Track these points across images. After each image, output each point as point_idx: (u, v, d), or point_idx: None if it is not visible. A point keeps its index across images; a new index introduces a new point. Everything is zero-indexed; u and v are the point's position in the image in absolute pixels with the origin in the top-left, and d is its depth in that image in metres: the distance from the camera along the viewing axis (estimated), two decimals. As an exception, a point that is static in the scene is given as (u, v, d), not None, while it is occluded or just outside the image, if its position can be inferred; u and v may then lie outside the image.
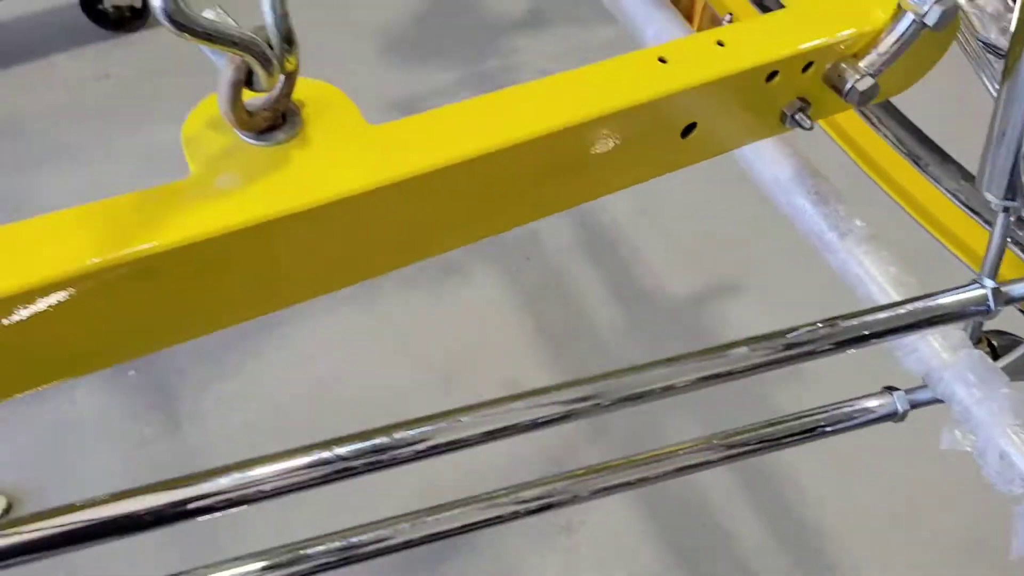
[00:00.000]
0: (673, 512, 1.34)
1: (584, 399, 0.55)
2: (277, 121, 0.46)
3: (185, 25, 0.37)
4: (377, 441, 0.50)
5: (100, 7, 1.94)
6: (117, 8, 1.95)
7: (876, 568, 1.31)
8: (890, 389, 0.67)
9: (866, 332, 0.56)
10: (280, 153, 0.46)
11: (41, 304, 0.40)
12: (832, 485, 1.37)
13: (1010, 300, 0.57)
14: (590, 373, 1.58)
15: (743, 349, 0.56)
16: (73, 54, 1.94)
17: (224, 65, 0.41)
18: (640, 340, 1.52)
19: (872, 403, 0.66)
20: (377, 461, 0.51)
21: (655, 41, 0.82)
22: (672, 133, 0.56)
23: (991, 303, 0.56)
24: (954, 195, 0.74)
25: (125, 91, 1.88)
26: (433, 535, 0.61)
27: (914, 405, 0.66)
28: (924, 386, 0.67)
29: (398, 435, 0.51)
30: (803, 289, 1.50)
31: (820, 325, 0.57)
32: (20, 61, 1.91)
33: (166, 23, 0.36)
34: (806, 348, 0.55)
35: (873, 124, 0.80)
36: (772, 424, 0.66)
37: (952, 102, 1.21)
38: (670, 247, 1.67)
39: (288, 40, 0.42)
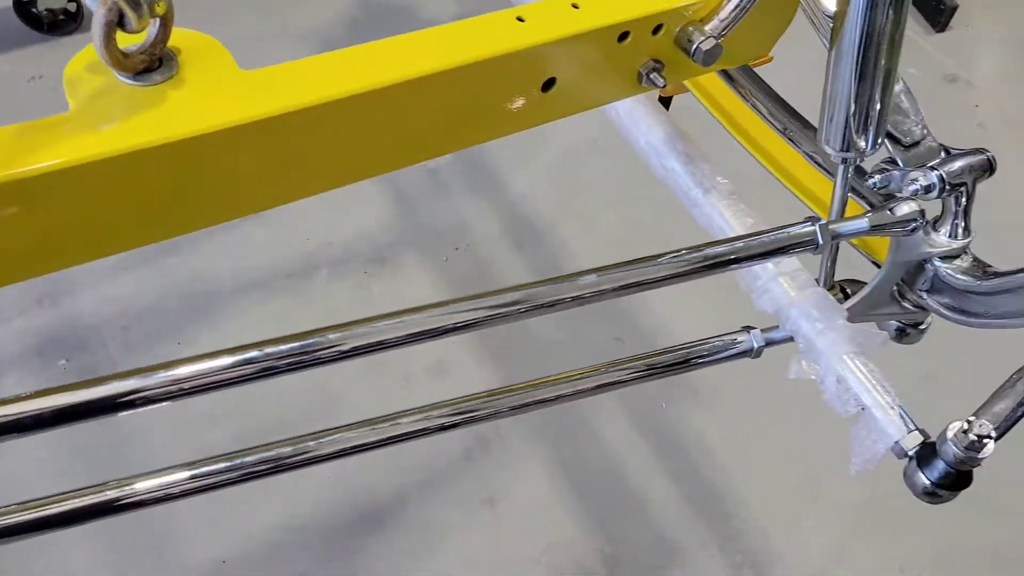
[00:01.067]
0: (590, 482, 1.40)
1: (498, 307, 0.59)
2: (154, 64, 0.51)
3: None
4: (301, 343, 0.54)
5: (34, 10, 1.96)
6: (51, 11, 1.97)
7: (782, 530, 1.37)
8: (747, 328, 0.73)
9: (719, 259, 0.62)
10: (155, 92, 0.50)
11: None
12: (741, 454, 1.44)
13: (837, 236, 0.64)
14: (515, 360, 1.64)
15: (616, 272, 0.61)
16: (7, 57, 1.96)
17: (97, 8, 0.46)
18: (565, 327, 1.58)
19: (732, 339, 0.72)
20: (299, 361, 0.55)
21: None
22: (533, 86, 0.62)
23: (819, 237, 0.62)
24: (811, 157, 0.81)
25: (58, 92, 1.89)
26: (353, 448, 0.65)
27: (769, 343, 0.73)
28: (777, 327, 0.73)
29: (321, 337, 0.55)
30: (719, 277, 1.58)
31: (684, 251, 0.63)
32: (-48, 63, 1.92)
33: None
34: (672, 271, 0.60)
35: (744, 96, 0.86)
36: (649, 356, 0.71)
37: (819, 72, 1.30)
38: (595, 238, 1.73)
39: (156, -15, 0.47)
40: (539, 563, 1.33)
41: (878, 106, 0.65)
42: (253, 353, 0.53)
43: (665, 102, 1.05)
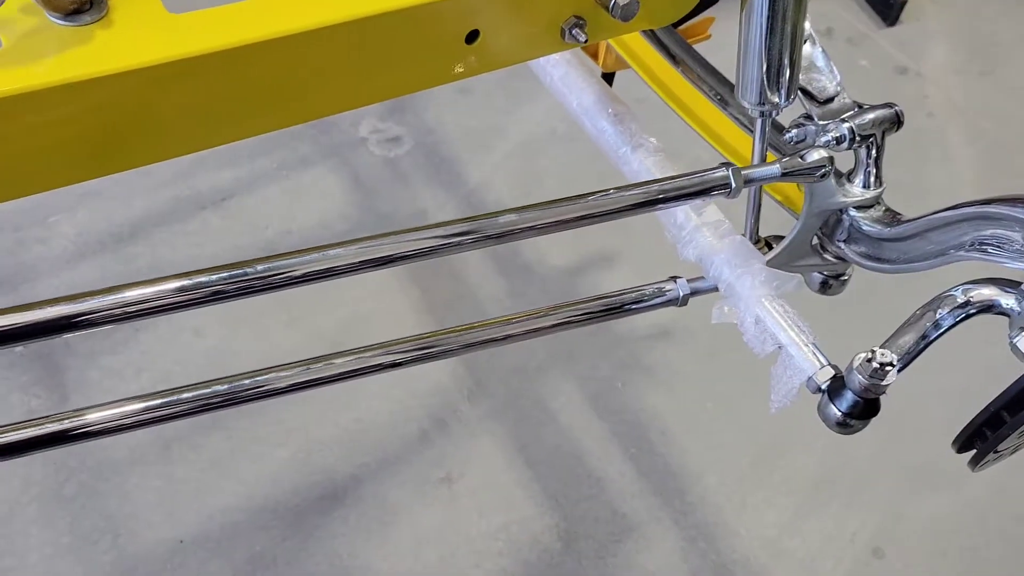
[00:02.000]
0: (547, 461, 1.42)
1: (448, 236, 0.61)
2: (84, 6, 0.53)
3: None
4: (249, 269, 0.55)
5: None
6: None
7: (736, 505, 1.40)
8: (674, 278, 0.76)
9: (641, 199, 0.64)
10: (84, 32, 0.52)
11: None
12: (696, 432, 1.47)
13: (750, 180, 0.67)
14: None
15: (555, 208, 0.63)
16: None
17: (23, -55, 0.48)
18: (520, 307, 1.60)
19: (660, 288, 0.75)
20: (248, 286, 0.56)
21: None
22: (457, 38, 0.64)
23: (732, 181, 0.65)
24: (737, 119, 0.84)
25: None
26: (312, 381, 0.66)
27: (695, 292, 0.76)
28: (702, 277, 0.76)
29: (270, 264, 0.56)
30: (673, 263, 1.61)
31: (611, 190, 0.65)
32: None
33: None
34: (597, 209, 0.63)
35: (675, 62, 0.90)
36: (583, 301, 0.73)
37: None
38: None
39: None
40: (496, 539, 1.35)
41: (787, 60, 0.69)
42: (203, 278, 0.55)
43: (608, 78, 1.09)
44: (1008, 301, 0.60)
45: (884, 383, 0.61)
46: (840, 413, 0.64)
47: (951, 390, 1.43)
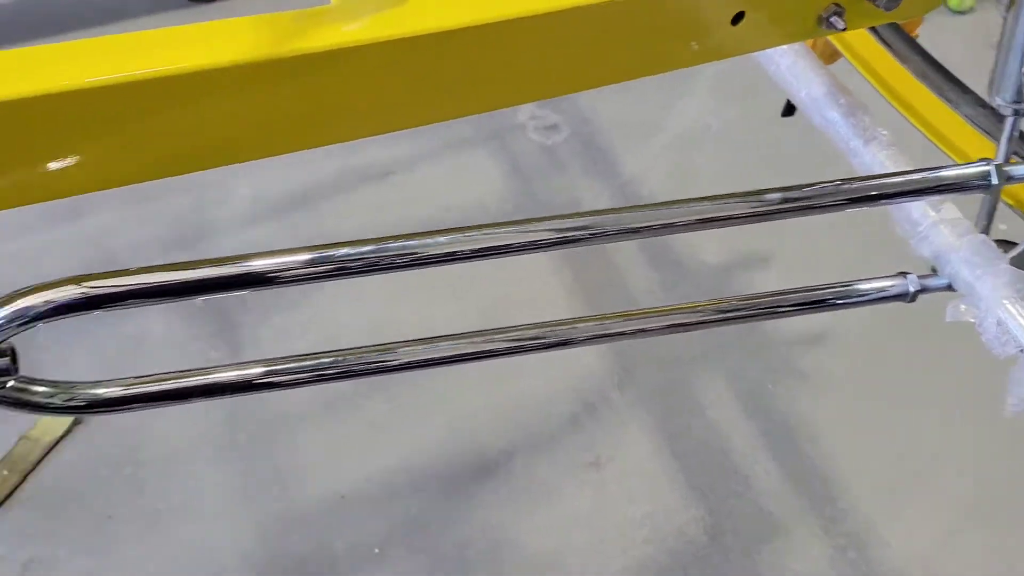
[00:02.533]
0: (694, 453, 1.42)
1: (580, 228, 0.61)
2: (401, -30, 0.56)
3: None
4: (378, 247, 0.58)
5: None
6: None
7: (888, 517, 1.37)
8: (903, 273, 0.75)
9: (890, 190, 0.64)
10: (403, -6, 0.56)
11: (211, 87, 0.50)
12: (848, 441, 1.44)
13: (1011, 178, 0.66)
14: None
15: (752, 199, 0.63)
16: None
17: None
18: (671, 301, 1.61)
19: (886, 283, 0.74)
20: (375, 262, 0.58)
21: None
22: (725, 18, 0.66)
23: (993, 177, 0.64)
24: (969, 118, 0.83)
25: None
26: (471, 354, 0.68)
27: (924, 289, 0.75)
28: (934, 274, 0.75)
29: (401, 243, 0.58)
30: (830, 265, 1.59)
31: (854, 180, 0.65)
32: None
33: None
34: (841, 198, 0.63)
35: (900, 58, 0.89)
36: (804, 290, 0.73)
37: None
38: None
39: None
40: (642, 526, 1.36)
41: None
42: (334, 252, 0.57)
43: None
44: None
45: None
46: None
47: None
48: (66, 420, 1.35)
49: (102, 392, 0.57)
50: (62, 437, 1.34)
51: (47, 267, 1.56)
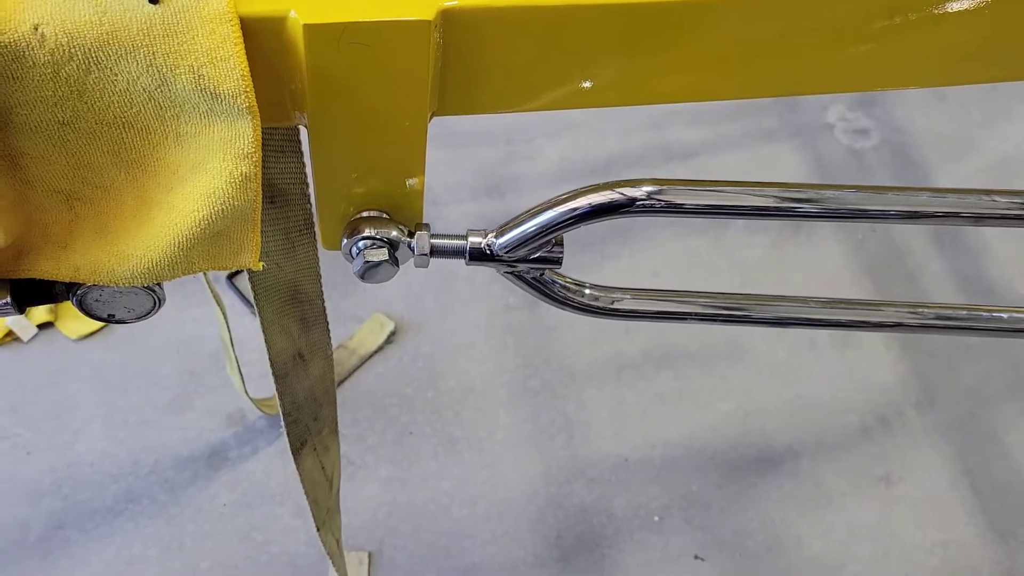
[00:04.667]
0: (995, 494, 1.34)
1: None
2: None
3: None
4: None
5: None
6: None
7: None
8: None
9: None
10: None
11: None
12: None
13: None
14: (923, 353, 1.57)
15: None
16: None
17: None
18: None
19: None
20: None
21: None
22: None
23: None
24: None
25: None
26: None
27: None
28: None
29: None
30: None
31: None
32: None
33: None
34: None
35: None
36: None
37: None
38: None
39: None
40: (931, 554, 1.29)
41: None
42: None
43: None
44: None
45: None
46: None
47: None
48: (380, 335, 1.45)
49: (619, 298, 0.60)
50: (375, 352, 1.44)
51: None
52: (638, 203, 0.53)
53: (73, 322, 1.44)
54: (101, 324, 1.44)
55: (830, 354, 1.49)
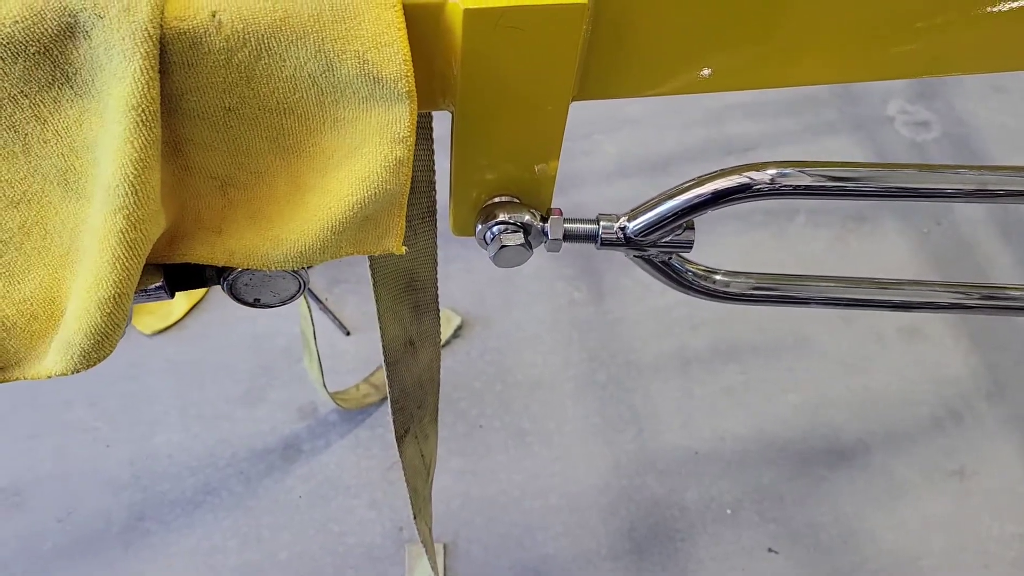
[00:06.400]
0: (1080, 485, 1.32)
1: None
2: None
3: None
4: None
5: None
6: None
7: None
8: None
9: None
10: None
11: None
12: None
13: None
14: (993, 346, 1.55)
15: None
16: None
17: None
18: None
19: None
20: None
21: None
22: None
23: None
24: None
25: None
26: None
27: None
28: None
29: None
30: None
31: None
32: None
33: None
34: None
35: None
36: None
37: None
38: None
39: None
40: (1008, 547, 1.28)
41: None
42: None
43: None
44: None
45: None
46: None
47: None
48: (448, 330, 1.46)
49: (738, 282, 0.61)
50: (443, 346, 1.45)
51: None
52: (764, 186, 0.53)
53: (147, 317, 1.47)
54: (174, 319, 1.46)
55: (897, 346, 1.47)
